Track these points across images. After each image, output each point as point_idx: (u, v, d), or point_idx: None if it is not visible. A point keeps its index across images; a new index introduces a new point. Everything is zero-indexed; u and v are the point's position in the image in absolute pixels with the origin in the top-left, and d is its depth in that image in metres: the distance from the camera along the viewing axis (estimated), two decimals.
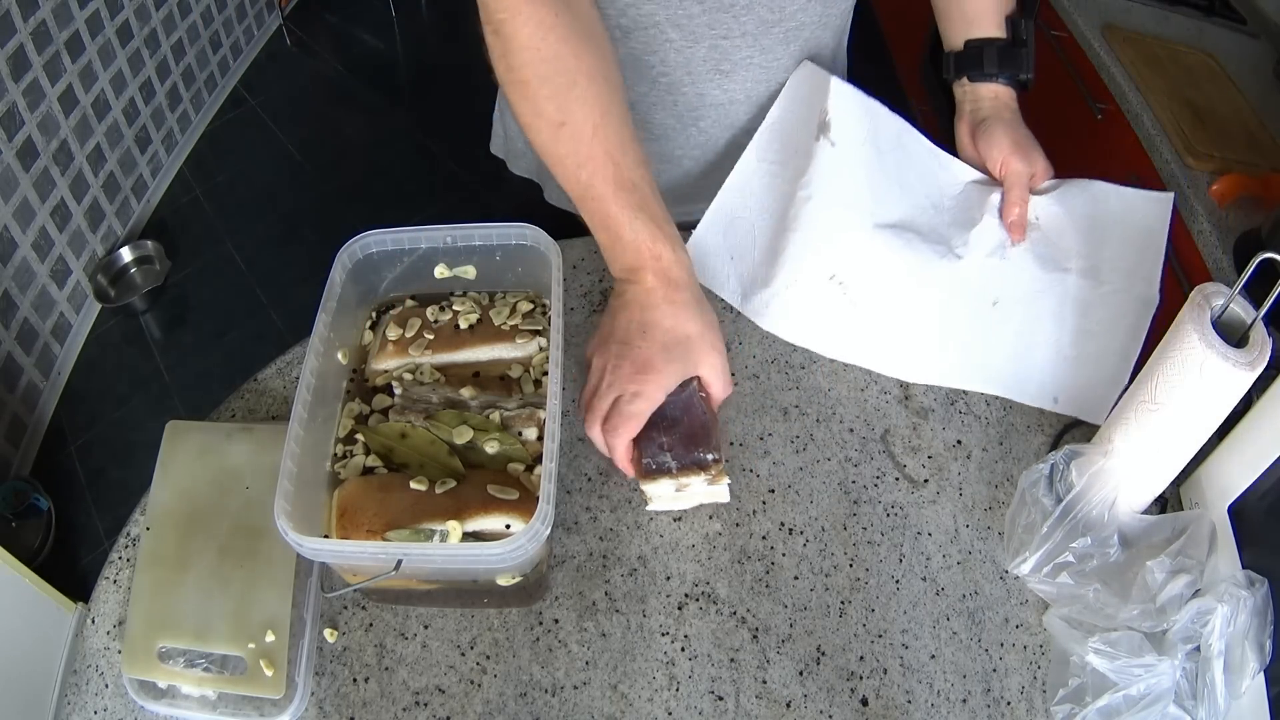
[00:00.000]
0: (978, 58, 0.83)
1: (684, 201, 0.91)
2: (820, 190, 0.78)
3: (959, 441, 0.79)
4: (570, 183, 0.66)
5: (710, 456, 0.65)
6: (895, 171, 0.82)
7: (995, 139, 0.80)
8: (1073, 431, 0.79)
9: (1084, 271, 0.80)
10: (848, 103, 0.81)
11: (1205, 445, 0.67)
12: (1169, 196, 0.83)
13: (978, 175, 0.85)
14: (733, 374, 0.74)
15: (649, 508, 0.71)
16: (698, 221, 0.87)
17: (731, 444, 0.77)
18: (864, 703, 0.65)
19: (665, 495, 0.68)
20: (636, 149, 0.66)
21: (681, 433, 0.66)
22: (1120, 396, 0.70)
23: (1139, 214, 0.82)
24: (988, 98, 0.83)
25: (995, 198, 0.82)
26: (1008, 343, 0.79)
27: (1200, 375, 0.60)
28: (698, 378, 0.68)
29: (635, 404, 0.64)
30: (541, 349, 0.73)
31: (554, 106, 0.64)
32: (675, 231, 0.67)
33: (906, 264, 0.79)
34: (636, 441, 0.66)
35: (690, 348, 0.66)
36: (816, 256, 0.78)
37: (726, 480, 0.68)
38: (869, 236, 0.78)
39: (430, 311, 0.74)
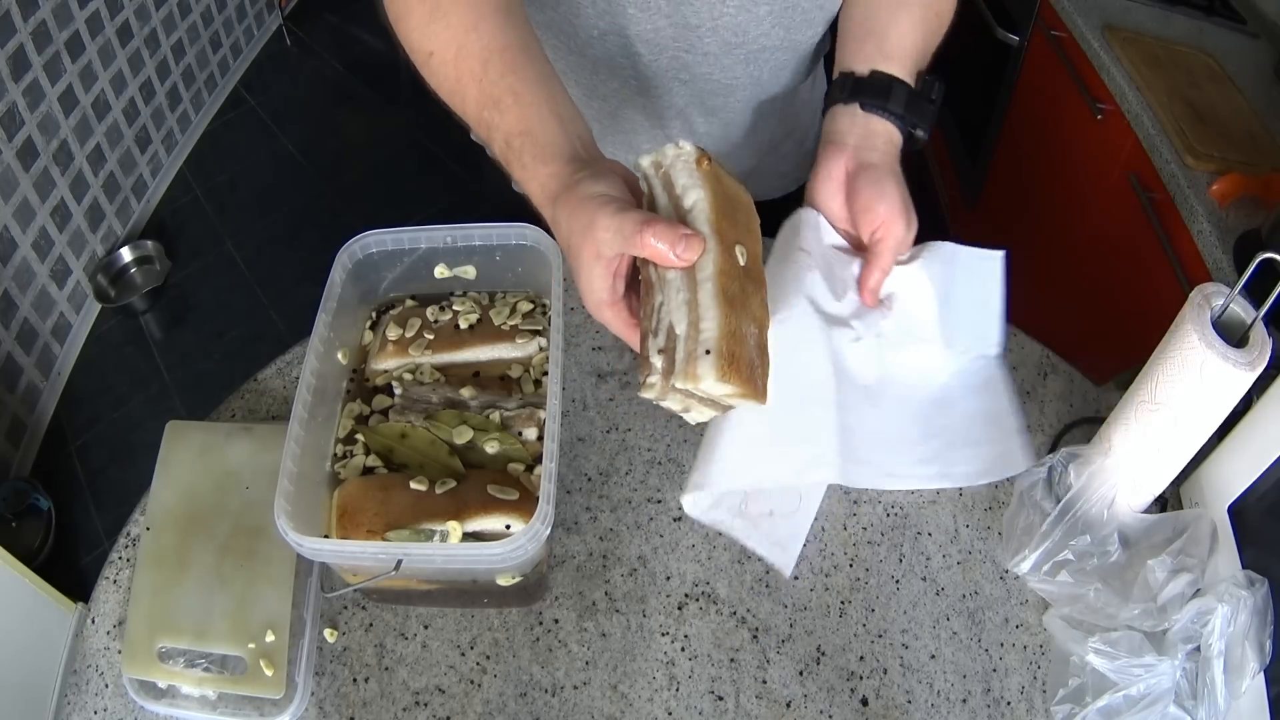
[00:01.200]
0: (885, 91, 0.68)
1: None
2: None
3: None
4: (460, 114, 0.61)
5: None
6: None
7: (886, 193, 0.64)
8: (1072, 432, 0.79)
9: (940, 339, 0.71)
10: (807, 224, 0.70)
11: (1205, 445, 0.67)
12: (998, 255, 0.73)
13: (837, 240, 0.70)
14: None
15: (653, 396, 0.52)
16: None
17: None
18: (864, 703, 0.65)
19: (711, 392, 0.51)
20: (506, 58, 0.58)
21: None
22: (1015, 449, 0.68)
23: (975, 273, 0.73)
24: (882, 138, 0.68)
25: (854, 269, 0.69)
26: (887, 430, 0.69)
27: (1200, 375, 0.60)
28: None
29: (589, 297, 0.54)
30: (541, 349, 0.73)
31: (419, 37, 0.60)
32: (550, 130, 0.57)
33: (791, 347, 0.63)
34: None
35: (589, 230, 0.52)
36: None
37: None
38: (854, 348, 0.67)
39: (430, 311, 0.74)
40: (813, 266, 0.65)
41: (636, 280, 0.54)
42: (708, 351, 0.46)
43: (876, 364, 0.68)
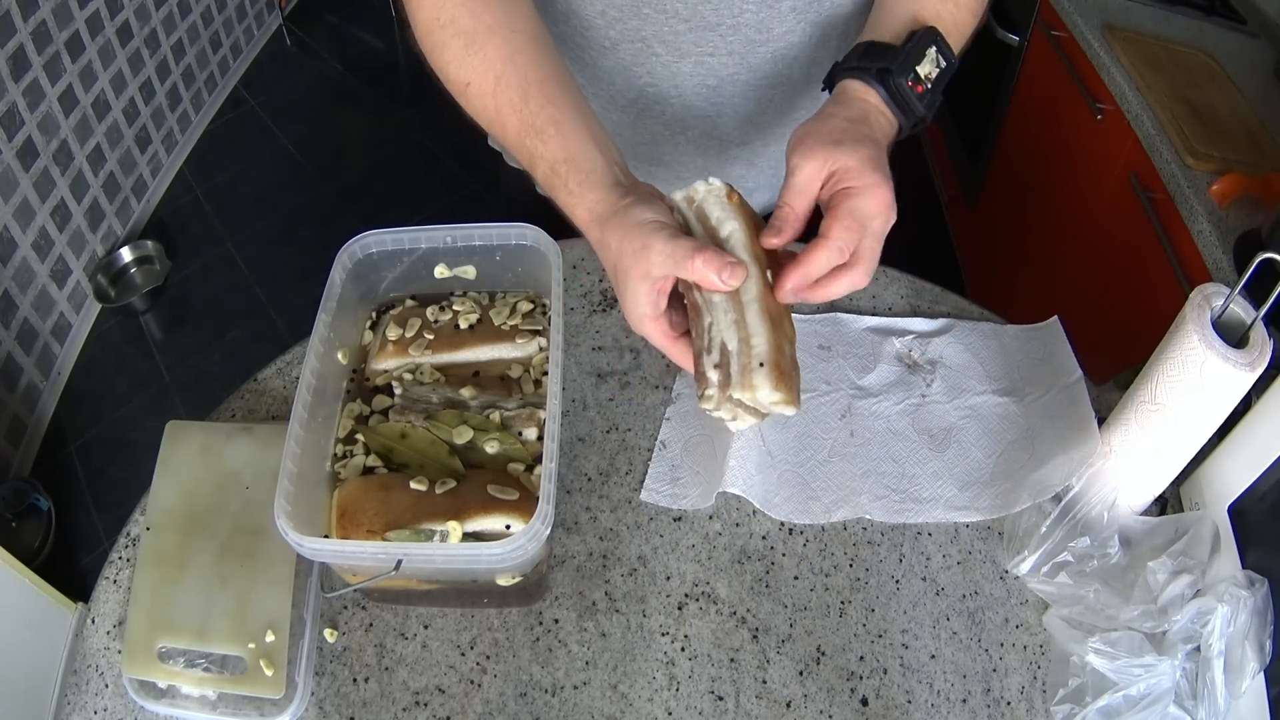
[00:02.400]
0: (867, 54, 0.64)
1: None
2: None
3: None
4: (498, 139, 0.64)
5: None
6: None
7: (840, 151, 0.57)
8: None
9: (999, 392, 0.81)
10: None
11: (1205, 445, 0.67)
12: (1054, 321, 0.84)
13: (873, 322, 0.86)
14: None
15: (721, 414, 0.57)
16: None
17: None
18: (864, 703, 0.65)
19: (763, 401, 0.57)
20: (544, 89, 0.61)
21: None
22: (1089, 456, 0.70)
23: (1035, 341, 0.84)
24: (839, 94, 0.64)
25: (891, 344, 0.84)
26: (954, 470, 0.76)
27: (1200, 376, 0.60)
28: None
29: (639, 326, 0.58)
30: (541, 349, 0.73)
31: (455, 69, 0.63)
32: (593, 160, 0.59)
33: (812, 415, 0.79)
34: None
35: (637, 257, 0.56)
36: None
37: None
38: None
39: (430, 311, 0.74)
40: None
41: (674, 300, 0.58)
42: (761, 364, 0.52)
43: (939, 418, 0.79)
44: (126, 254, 2.17)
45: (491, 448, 0.65)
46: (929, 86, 0.64)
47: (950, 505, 0.74)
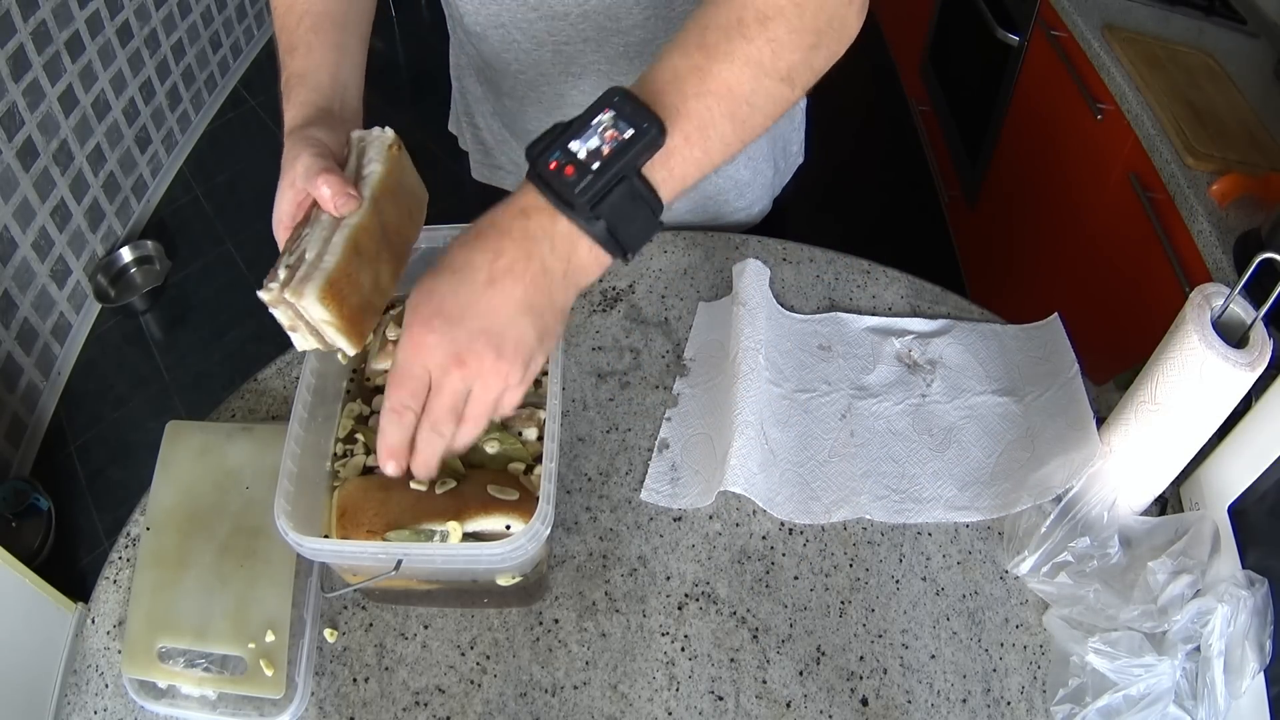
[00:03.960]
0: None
1: None
2: (737, 352, 0.80)
3: None
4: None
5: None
6: (786, 322, 0.86)
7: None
8: None
9: (999, 392, 0.81)
10: (750, 272, 0.86)
11: (1205, 445, 0.67)
12: (1053, 319, 0.84)
13: (873, 322, 0.87)
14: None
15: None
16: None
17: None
18: (864, 703, 0.65)
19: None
20: (318, 21, 0.67)
21: None
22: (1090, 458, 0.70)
23: (1035, 339, 0.84)
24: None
25: (891, 345, 0.84)
26: (954, 470, 0.76)
27: (1200, 376, 0.60)
28: None
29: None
30: None
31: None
32: (314, 82, 0.66)
33: (812, 415, 0.80)
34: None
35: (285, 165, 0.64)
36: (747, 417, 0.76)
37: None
38: (775, 394, 0.80)
39: None
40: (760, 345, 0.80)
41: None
42: (319, 279, 0.54)
43: (939, 418, 0.80)
44: (126, 254, 2.17)
45: (491, 448, 0.65)
46: (587, 166, 0.48)
47: (950, 505, 0.74)
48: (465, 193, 1.11)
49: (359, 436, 0.67)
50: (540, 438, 0.67)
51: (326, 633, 0.67)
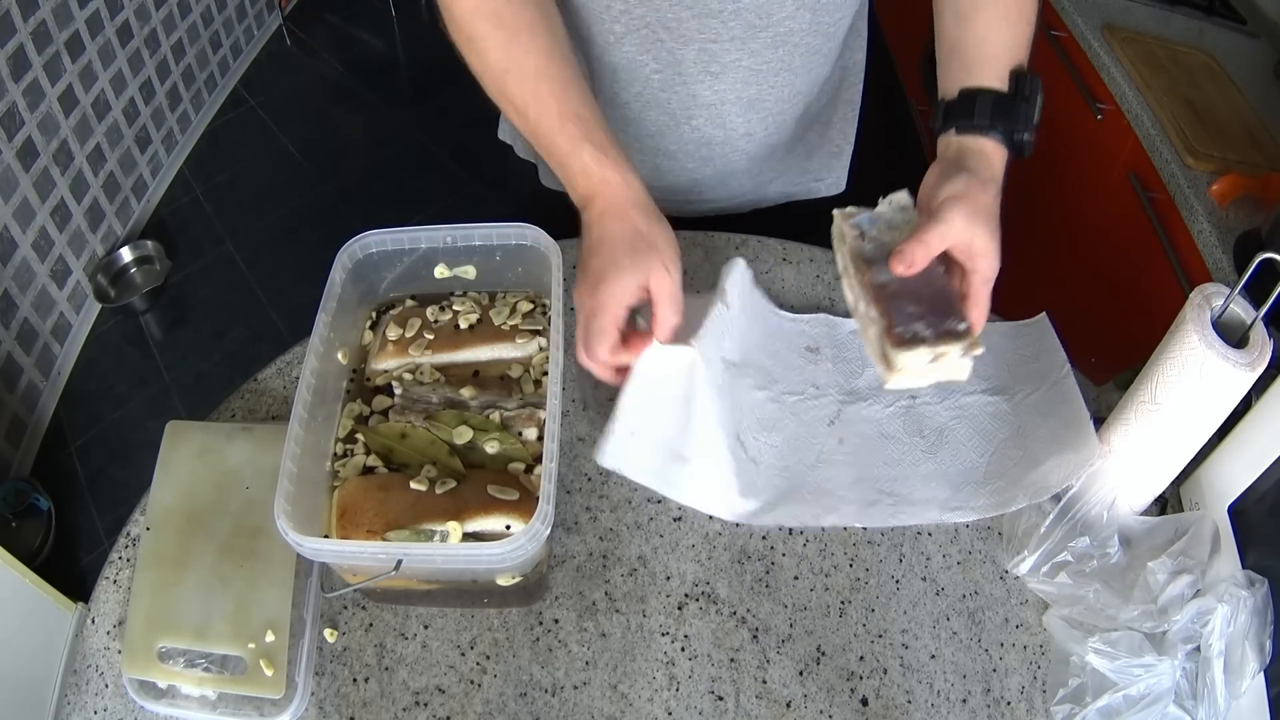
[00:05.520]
0: (969, 107, 0.71)
1: (678, 195, 0.93)
2: (712, 351, 0.74)
3: None
4: (522, 123, 0.69)
5: (961, 325, 0.62)
6: (775, 321, 0.85)
7: (977, 224, 0.67)
8: None
9: (990, 391, 0.81)
10: (736, 272, 0.80)
11: (1205, 445, 0.67)
12: (1042, 317, 0.84)
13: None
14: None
15: (889, 385, 0.63)
16: (691, 216, 0.86)
17: None
18: (864, 703, 0.65)
19: (917, 367, 0.62)
20: (582, 88, 0.69)
21: (926, 302, 0.64)
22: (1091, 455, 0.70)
23: (1024, 338, 0.84)
24: (976, 156, 0.71)
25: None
26: (947, 471, 0.76)
27: (1200, 376, 0.60)
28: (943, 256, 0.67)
29: (597, 320, 0.63)
30: (541, 349, 0.73)
31: (497, 56, 0.68)
32: (624, 158, 0.67)
33: (800, 419, 0.79)
34: (888, 312, 0.63)
35: (639, 253, 0.64)
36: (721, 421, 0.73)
37: (978, 351, 0.62)
38: (760, 399, 0.79)
39: (430, 311, 0.74)
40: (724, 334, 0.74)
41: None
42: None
43: (930, 419, 0.79)
44: (126, 254, 2.17)
45: (491, 448, 0.65)
46: (1037, 125, 0.72)
47: (945, 506, 0.74)
48: (467, 192, 1.11)
49: (359, 436, 0.68)
50: (540, 438, 0.67)
51: (326, 633, 0.67)
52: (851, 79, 0.95)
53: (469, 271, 0.76)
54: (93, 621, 0.68)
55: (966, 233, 0.65)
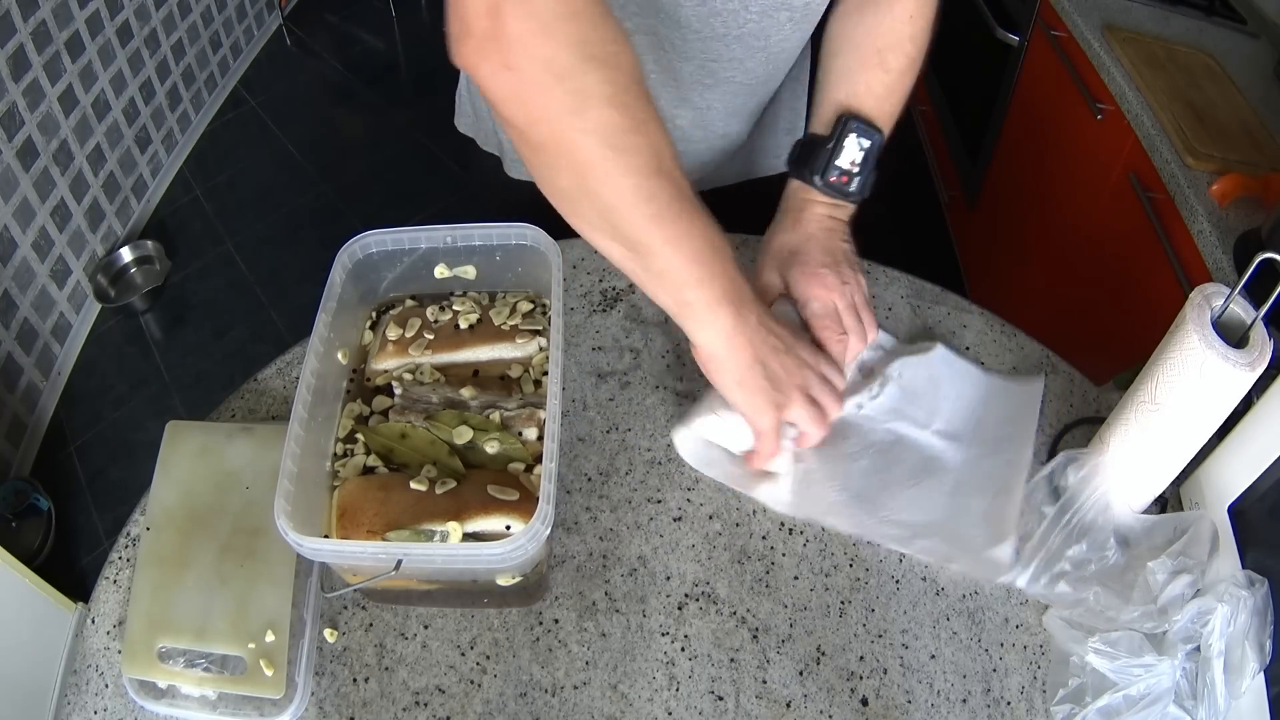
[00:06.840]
0: (804, 156, 0.80)
1: None
2: None
3: None
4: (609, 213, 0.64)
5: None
6: None
7: (816, 281, 0.76)
8: (1072, 432, 0.79)
9: (944, 434, 0.77)
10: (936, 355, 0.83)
11: (1205, 445, 0.67)
12: (1039, 383, 0.80)
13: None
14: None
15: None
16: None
17: None
18: (864, 703, 0.65)
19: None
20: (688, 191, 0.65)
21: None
22: (1011, 552, 0.69)
23: (1013, 398, 0.80)
24: (807, 207, 0.80)
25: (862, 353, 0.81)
26: (870, 493, 0.74)
27: (1200, 376, 0.60)
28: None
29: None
30: (541, 349, 0.73)
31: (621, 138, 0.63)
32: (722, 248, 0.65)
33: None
34: None
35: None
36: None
37: None
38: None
39: (430, 311, 0.74)
40: None
41: None
42: None
43: (866, 433, 0.77)
44: (126, 254, 2.18)
45: (491, 448, 0.65)
46: (854, 173, 0.79)
47: (900, 538, 0.72)
48: (467, 193, 1.12)
49: (359, 436, 0.68)
50: (540, 438, 0.67)
51: (326, 633, 0.67)
52: (803, 58, 0.97)
53: (469, 271, 0.76)
54: (93, 621, 0.68)
55: (832, 291, 0.76)
